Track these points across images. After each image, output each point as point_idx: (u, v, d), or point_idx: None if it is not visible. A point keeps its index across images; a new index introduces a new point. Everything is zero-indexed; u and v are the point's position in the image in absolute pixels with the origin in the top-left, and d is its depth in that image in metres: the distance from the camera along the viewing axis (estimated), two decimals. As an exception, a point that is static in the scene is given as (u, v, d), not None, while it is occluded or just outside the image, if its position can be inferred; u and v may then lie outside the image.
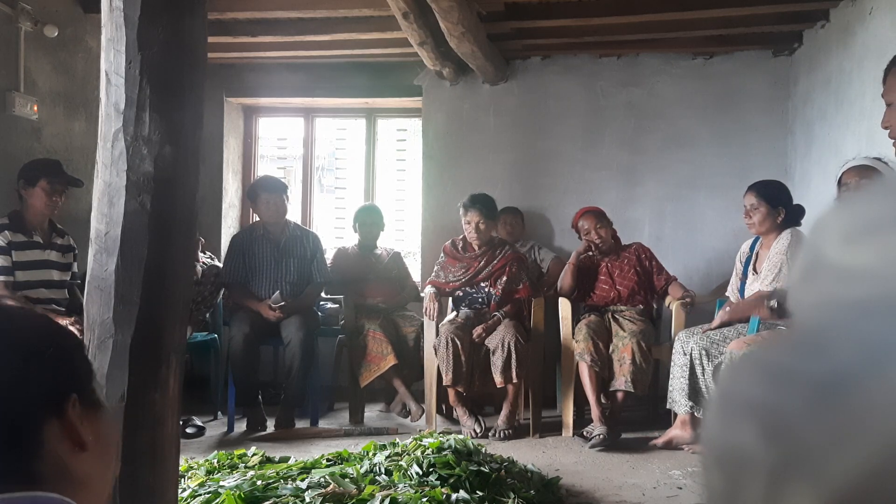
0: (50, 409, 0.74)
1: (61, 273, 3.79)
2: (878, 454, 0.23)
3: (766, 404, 0.27)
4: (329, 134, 6.02)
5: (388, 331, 4.38)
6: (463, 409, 4.07)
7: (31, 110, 4.14)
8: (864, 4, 3.77)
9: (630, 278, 4.30)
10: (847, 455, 0.24)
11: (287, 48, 4.97)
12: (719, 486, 0.29)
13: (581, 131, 5.17)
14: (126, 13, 1.62)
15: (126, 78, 1.63)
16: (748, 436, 0.27)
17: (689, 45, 4.94)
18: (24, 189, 3.65)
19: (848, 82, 3.96)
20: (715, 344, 3.62)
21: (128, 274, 1.63)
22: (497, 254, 4.30)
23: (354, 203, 5.47)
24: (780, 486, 0.25)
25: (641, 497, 3.06)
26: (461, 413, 4.07)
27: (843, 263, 0.28)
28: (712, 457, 0.30)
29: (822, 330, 0.27)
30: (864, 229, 0.28)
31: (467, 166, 5.21)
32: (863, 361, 0.25)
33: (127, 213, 1.63)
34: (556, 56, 5.19)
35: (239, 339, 4.14)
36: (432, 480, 2.57)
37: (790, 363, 0.28)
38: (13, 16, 4.01)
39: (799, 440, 0.25)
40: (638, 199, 5.11)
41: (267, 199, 4.42)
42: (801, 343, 0.28)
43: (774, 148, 4.96)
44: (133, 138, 1.63)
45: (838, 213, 0.31)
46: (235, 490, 2.40)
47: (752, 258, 3.79)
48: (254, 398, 4.22)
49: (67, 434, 0.75)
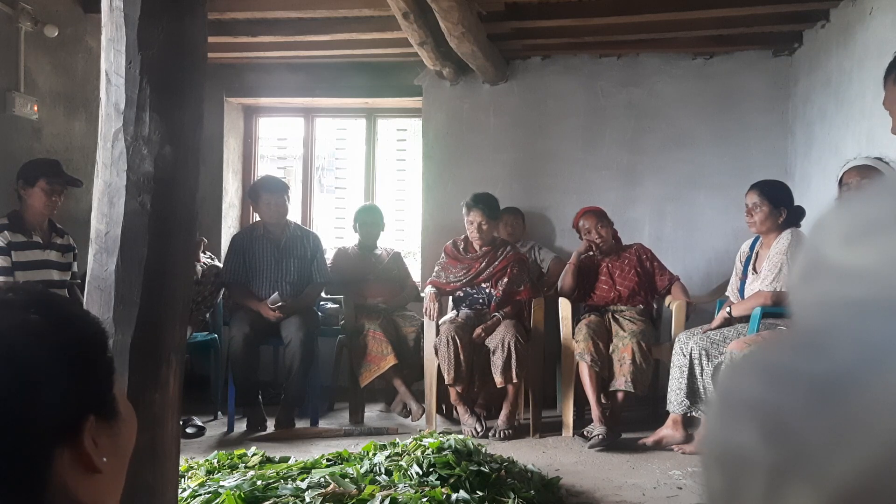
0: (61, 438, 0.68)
1: (61, 273, 3.79)
2: (879, 454, 0.23)
3: (767, 404, 0.27)
4: (329, 134, 6.02)
5: (389, 331, 4.38)
6: (464, 408, 4.06)
7: (31, 110, 4.14)
8: (864, 4, 3.77)
9: (631, 279, 4.30)
10: (847, 455, 0.24)
11: (287, 48, 4.97)
12: (719, 486, 0.29)
13: (581, 131, 5.17)
14: (126, 13, 1.62)
15: (126, 78, 1.63)
16: (748, 436, 0.27)
17: (689, 45, 4.94)
18: (23, 189, 3.65)
19: (848, 82, 3.96)
20: (715, 344, 3.62)
21: (128, 274, 1.63)
22: (498, 255, 4.30)
23: (354, 203, 5.47)
24: (781, 486, 0.25)
25: (641, 497, 3.06)
26: (462, 412, 4.07)
27: (843, 263, 0.28)
28: (712, 457, 0.30)
29: (822, 330, 0.27)
30: (864, 229, 0.28)
31: (467, 166, 5.21)
32: (863, 361, 0.25)
33: (127, 213, 1.63)
34: (556, 56, 5.19)
35: (239, 339, 4.14)
36: (432, 480, 2.57)
37: (790, 363, 0.28)
38: (13, 16, 4.01)
39: (799, 440, 0.25)
40: (638, 199, 5.11)
41: (268, 200, 4.41)
42: (801, 343, 0.28)
43: (774, 148, 4.96)
44: (133, 138, 1.63)
45: (838, 213, 0.31)
46: (235, 490, 2.40)
47: (752, 258, 3.79)
48: (254, 398, 4.22)
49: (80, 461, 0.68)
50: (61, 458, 0.67)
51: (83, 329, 0.74)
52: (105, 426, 0.72)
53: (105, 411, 0.72)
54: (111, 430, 0.73)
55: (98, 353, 0.75)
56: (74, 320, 0.74)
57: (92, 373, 0.73)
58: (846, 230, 0.29)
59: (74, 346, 0.71)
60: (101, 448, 0.70)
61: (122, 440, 0.75)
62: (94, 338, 0.75)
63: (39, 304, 0.72)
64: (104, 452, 0.70)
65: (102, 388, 0.74)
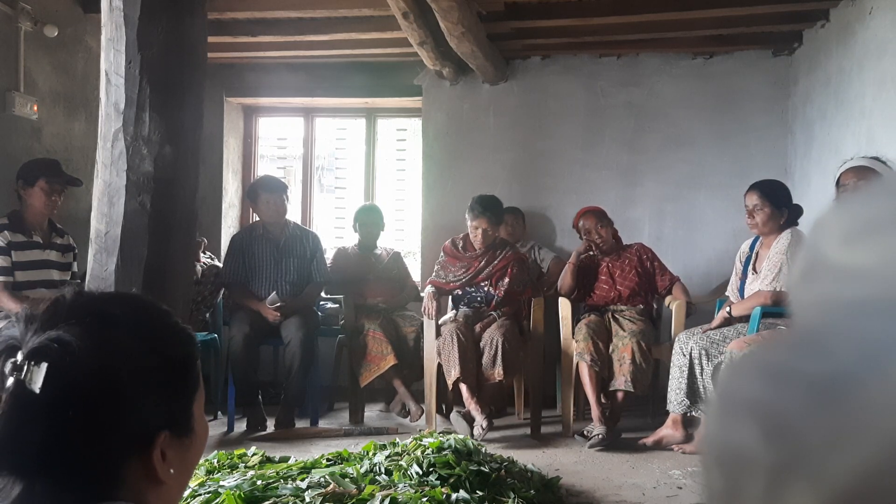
0: (135, 449, 0.72)
1: (61, 273, 3.79)
2: (878, 454, 0.23)
3: (766, 404, 0.27)
4: (329, 134, 6.02)
5: (388, 331, 4.38)
6: (476, 406, 3.92)
7: (31, 110, 4.14)
8: (864, 4, 3.77)
9: (631, 279, 4.30)
10: (847, 454, 0.24)
11: (287, 48, 4.97)
12: (719, 485, 0.29)
13: (581, 131, 5.17)
14: (126, 13, 1.62)
15: (126, 78, 1.63)
16: (748, 435, 0.27)
17: (689, 45, 4.94)
18: (23, 189, 3.65)
19: (848, 82, 3.96)
20: (715, 344, 3.62)
21: (128, 274, 1.63)
22: (498, 254, 4.30)
23: (354, 203, 5.46)
24: (780, 486, 0.25)
25: (641, 497, 3.06)
26: (474, 408, 3.92)
27: (843, 263, 0.28)
28: (712, 457, 0.30)
29: (822, 330, 0.27)
30: (863, 229, 0.28)
31: (467, 166, 5.21)
32: (863, 361, 0.25)
33: (127, 213, 1.63)
34: (556, 56, 5.19)
35: (239, 339, 4.14)
36: (432, 480, 2.57)
37: (790, 363, 0.28)
38: (13, 16, 4.01)
39: (799, 440, 0.25)
40: (638, 199, 5.11)
41: (267, 199, 4.41)
42: (801, 343, 0.28)
43: (774, 148, 4.96)
44: (133, 138, 1.63)
45: (838, 213, 0.31)
46: (235, 490, 2.40)
47: (752, 257, 3.79)
48: (254, 398, 4.22)
49: (148, 471, 0.72)
50: (132, 467, 0.71)
51: (178, 349, 0.78)
52: (177, 441, 0.75)
53: (180, 428, 0.76)
54: (182, 445, 0.76)
55: (186, 373, 0.78)
56: (172, 340, 0.78)
57: (175, 393, 0.76)
58: (846, 230, 0.29)
59: (166, 370, 0.75)
60: (169, 461, 0.73)
61: (191, 455, 0.78)
62: (186, 359, 0.78)
63: (143, 321, 0.76)
64: (172, 465, 0.73)
65: (182, 407, 0.77)
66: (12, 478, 0.68)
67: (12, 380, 0.68)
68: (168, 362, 0.76)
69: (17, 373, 0.68)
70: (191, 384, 0.78)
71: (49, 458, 0.67)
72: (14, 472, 0.68)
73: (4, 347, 0.70)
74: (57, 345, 0.68)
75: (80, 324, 0.70)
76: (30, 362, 0.67)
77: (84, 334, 0.69)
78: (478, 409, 3.92)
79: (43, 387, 0.66)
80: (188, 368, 0.79)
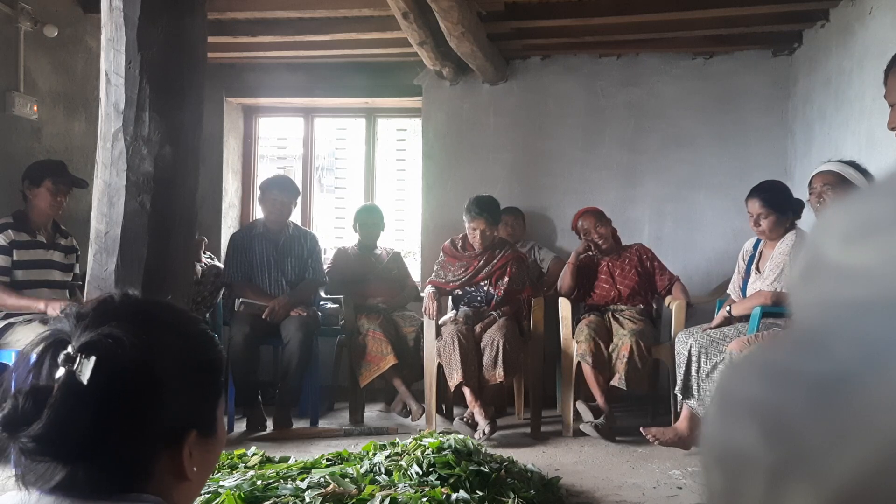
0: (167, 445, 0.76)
1: (63, 274, 3.79)
2: (879, 454, 0.23)
3: (766, 404, 0.27)
4: (329, 134, 6.03)
5: (388, 331, 4.38)
6: (480, 409, 3.89)
7: (31, 110, 4.14)
8: (864, 4, 3.77)
9: (631, 278, 4.30)
10: (847, 455, 0.24)
11: (287, 48, 4.97)
12: (719, 486, 0.29)
13: (581, 131, 5.17)
14: (126, 13, 1.62)
15: (126, 78, 1.63)
16: (748, 435, 0.27)
17: (689, 45, 4.95)
18: (29, 189, 3.66)
19: (848, 82, 3.96)
20: (715, 343, 3.62)
21: (128, 274, 1.63)
22: (497, 253, 4.30)
23: (354, 203, 5.46)
24: (781, 486, 0.25)
25: (641, 497, 3.06)
26: (477, 411, 3.89)
27: (843, 263, 0.28)
28: (712, 457, 0.30)
29: (822, 330, 0.27)
30: (864, 229, 0.28)
31: (467, 166, 5.21)
32: (863, 361, 0.25)
33: (127, 213, 1.63)
34: (556, 56, 5.19)
35: (239, 339, 4.14)
36: (432, 480, 2.57)
37: (790, 363, 0.28)
38: (13, 16, 4.01)
39: (799, 440, 0.25)
40: (638, 199, 5.11)
41: (275, 197, 4.43)
42: (801, 343, 0.28)
43: (774, 148, 4.96)
44: (133, 138, 1.63)
45: (838, 213, 0.31)
46: (235, 490, 2.40)
47: (755, 256, 3.79)
48: (253, 398, 4.22)
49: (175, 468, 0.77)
50: (162, 462, 0.76)
51: (209, 353, 0.84)
52: (203, 441, 0.80)
53: (206, 429, 0.81)
54: (206, 445, 0.81)
55: (216, 376, 0.85)
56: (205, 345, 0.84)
57: (205, 394, 0.82)
58: (846, 229, 0.29)
59: (200, 371, 0.81)
60: (194, 460, 0.78)
61: (212, 456, 0.84)
62: (216, 362, 0.85)
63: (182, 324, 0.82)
64: (195, 463, 0.78)
65: (210, 408, 0.82)
66: (55, 464, 0.73)
67: (63, 371, 0.72)
68: (201, 364, 0.81)
69: (70, 364, 0.72)
70: (217, 387, 0.84)
71: (92, 446, 0.72)
72: (58, 458, 0.72)
73: (53, 341, 0.75)
74: (110, 340, 0.73)
75: (129, 322, 0.75)
76: (81, 355, 0.72)
77: (132, 332, 0.74)
78: (482, 413, 3.89)
79: (91, 379, 0.71)
80: (217, 372, 0.85)
